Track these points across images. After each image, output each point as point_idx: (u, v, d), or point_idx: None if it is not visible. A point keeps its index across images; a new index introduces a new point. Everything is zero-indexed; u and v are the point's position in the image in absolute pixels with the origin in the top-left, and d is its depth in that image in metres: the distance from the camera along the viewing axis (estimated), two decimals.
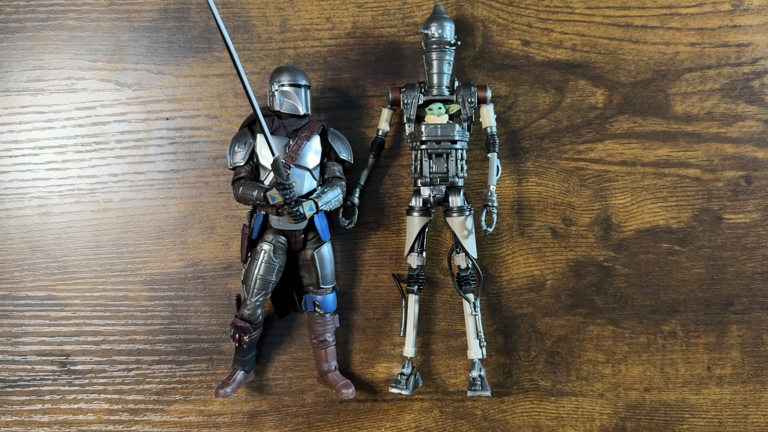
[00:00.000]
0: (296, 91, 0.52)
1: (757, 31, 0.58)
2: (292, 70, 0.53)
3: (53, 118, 0.59)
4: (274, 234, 0.54)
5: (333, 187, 0.53)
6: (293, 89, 0.52)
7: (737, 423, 0.59)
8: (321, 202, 0.52)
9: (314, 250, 0.54)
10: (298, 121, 0.53)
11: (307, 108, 0.53)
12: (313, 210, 0.51)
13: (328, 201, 0.52)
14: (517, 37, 0.58)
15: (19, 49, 0.58)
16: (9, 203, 0.59)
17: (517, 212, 0.59)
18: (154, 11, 0.58)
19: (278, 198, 0.50)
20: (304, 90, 0.53)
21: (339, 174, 0.55)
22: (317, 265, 0.54)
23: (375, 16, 0.58)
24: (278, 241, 0.54)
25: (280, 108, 0.52)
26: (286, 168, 0.50)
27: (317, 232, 0.54)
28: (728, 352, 0.59)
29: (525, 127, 0.59)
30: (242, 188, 0.52)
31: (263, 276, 0.53)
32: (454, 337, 0.59)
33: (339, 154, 0.55)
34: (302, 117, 0.53)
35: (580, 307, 0.59)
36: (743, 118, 0.58)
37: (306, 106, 0.53)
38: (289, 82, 0.52)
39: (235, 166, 0.53)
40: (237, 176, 0.53)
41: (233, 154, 0.53)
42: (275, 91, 0.52)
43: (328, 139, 0.54)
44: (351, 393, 0.54)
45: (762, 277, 0.59)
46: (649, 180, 0.59)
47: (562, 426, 0.60)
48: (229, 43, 0.40)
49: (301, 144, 0.52)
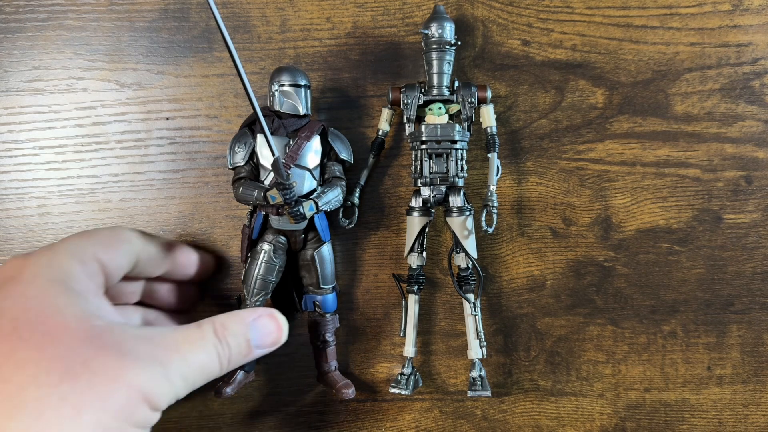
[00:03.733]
0: (296, 91, 0.52)
1: (757, 31, 0.58)
2: (292, 70, 0.53)
3: (53, 118, 0.59)
4: (274, 234, 0.54)
5: (333, 187, 0.53)
6: (293, 89, 0.52)
7: (737, 423, 0.59)
8: (321, 202, 0.52)
9: (314, 250, 0.54)
10: (298, 121, 0.53)
11: (307, 108, 0.53)
12: (313, 210, 0.51)
13: (328, 201, 0.52)
14: (517, 37, 0.58)
15: (19, 49, 0.58)
16: (9, 203, 0.59)
17: (517, 212, 0.59)
18: (154, 11, 0.58)
19: (278, 198, 0.50)
20: (304, 90, 0.53)
21: (339, 174, 0.55)
22: (317, 265, 0.54)
23: (375, 16, 0.58)
24: (278, 241, 0.54)
25: (280, 108, 0.52)
26: (286, 168, 0.50)
27: (317, 232, 0.54)
28: (728, 352, 0.59)
29: (525, 127, 0.59)
30: (242, 188, 0.52)
31: (263, 276, 0.53)
32: (454, 337, 0.59)
33: (339, 153, 0.54)
34: (302, 117, 0.53)
35: (580, 307, 0.59)
36: (743, 118, 0.58)
37: (306, 106, 0.53)
38: (289, 82, 0.52)
39: (235, 166, 0.53)
40: (237, 176, 0.53)
41: (233, 154, 0.53)
42: (275, 91, 0.52)
43: (328, 139, 0.54)
44: (351, 393, 0.54)
45: (762, 277, 0.59)
46: (649, 180, 0.59)
47: (562, 426, 0.60)
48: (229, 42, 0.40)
49: (301, 144, 0.52)
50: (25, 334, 0.36)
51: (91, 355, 0.36)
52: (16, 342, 0.36)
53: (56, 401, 0.34)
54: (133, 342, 0.38)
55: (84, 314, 0.39)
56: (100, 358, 0.36)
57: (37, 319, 0.37)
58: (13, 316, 0.37)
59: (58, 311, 0.38)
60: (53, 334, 0.36)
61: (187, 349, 0.40)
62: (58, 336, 0.36)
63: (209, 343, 0.41)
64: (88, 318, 0.38)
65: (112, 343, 0.37)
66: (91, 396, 0.35)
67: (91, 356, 0.36)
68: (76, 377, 0.35)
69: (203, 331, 0.42)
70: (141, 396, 0.37)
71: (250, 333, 0.44)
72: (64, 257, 0.42)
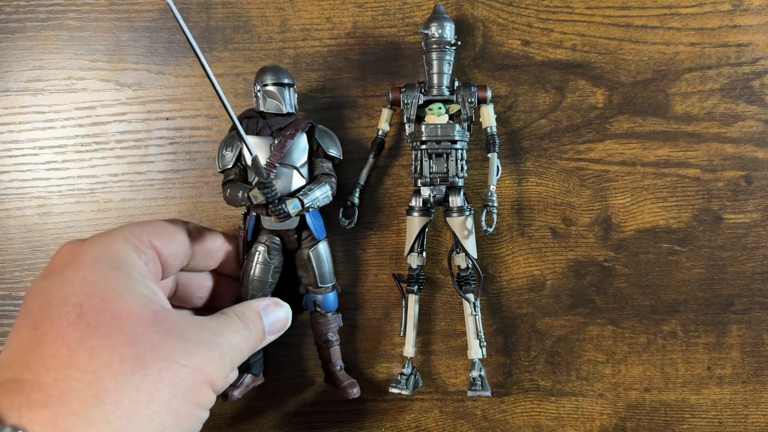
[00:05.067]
0: (279, 90, 0.52)
1: (757, 31, 0.58)
2: (275, 70, 0.52)
3: (53, 118, 0.59)
4: (268, 235, 0.53)
5: (321, 184, 0.52)
6: (276, 88, 0.52)
7: (737, 423, 0.59)
8: (307, 199, 0.51)
9: (310, 249, 0.54)
10: (283, 119, 0.52)
11: (291, 106, 0.53)
12: (298, 207, 0.50)
13: (315, 198, 0.51)
14: (517, 37, 0.58)
15: (19, 49, 0.58)
16: (9, 203, 0.59)
17: (517, 212, 0.59)
18: (154, 11, 0.58)
19: (260, 197, 0.49)
20: (287, 89, 0.52)
21: (328, 171, 0.54)
22: (314, 264, 0.54)
23: (375, 16, 0.58)
24: (272, 241, 0.53)
25: (264, 108, 0.52)
26: (271, 167, 0.50)
27: (311, 231, 0.54)
28: (728, 352, 0.59)
29: (525, 127, 0.59)
30: (229, 190, 0.52)
31: (259, 277, 0.53)
32: (454, 337, 0.59)
33: (327, 150, 0.54)
34: (287, 116, 0.53)
35: (580, 307, 0.59)
36: (743, 118, 0.58)
37: (290, 105, 0.53)
38: (272, 81, 0.52)
39: (224, 169, 0.53)
40: (226, 179, 0.53)
41: (222, 158, 0.53)
42: (258, 91, 0.52)
43: (315, 136, 0.54)
44: (356, 392, 0.54)
45: (762, 277, 0.59)
46: (649, 180, 0.59)
47: (562, 426, 0.60)
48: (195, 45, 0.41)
49: (285, 142, 0.51)
50: (92, 321, 0.36)
51: (157, 341, 0.37)
52: (84, 329, 0.36)
53: (132, 390, 0.35)
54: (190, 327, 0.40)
55: (146, 300, 0.39)
56: (166, 343, 0.37)
57: (101, 305, 0.37)
58: (77, 303, 0.37)
59: (121, 297, 0.38)
60: (120, 320, 0.37)
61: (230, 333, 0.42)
62: (124, 322, 0.37)
63: (240, 327, 0.44)
64: (149, 303, 0.39)
65: (175, 328, 0.39)
66: (163, 383, 0.36)
67: (158, 342, 0.37)
68: (147, 365, 0.36)
69: (231, 318, 0.44)
70: (205, 378, 0.39)
71: (263, 319, 0.47)
72: (121, 243, 0.42)
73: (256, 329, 0.45)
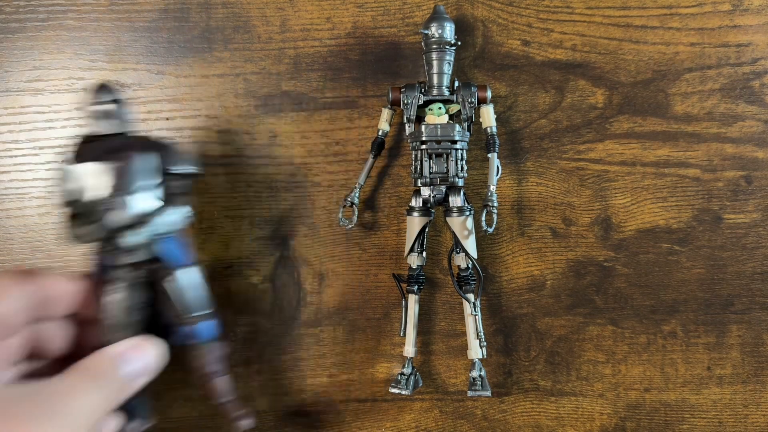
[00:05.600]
0: (109, 109, 0.46)
1: (757, 31, 0.58)
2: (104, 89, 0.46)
3: (53, 118, 0.59)
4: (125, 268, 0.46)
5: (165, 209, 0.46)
6: (105, 107, 0.46)
7: (737, 423, 0.60)
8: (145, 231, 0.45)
9: (163, 280, 0.47)
10: (114, 140, 0.46)
11: (123, 126, 0.47)
12: None
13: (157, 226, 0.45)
14: (517, 37, 0.58)
15: (19, 49, 0.58)
16: (9, 203, 0.59)
17: (517, 212, 0.59)
18: (154, 11, 0.58)
19: None
20: (118, 106, 0.46)
21: (178, 190, 0.47)
22: (170, 295, 0.47)
23: (375, 16, 0.58)
24: (131, 274, 0.46)
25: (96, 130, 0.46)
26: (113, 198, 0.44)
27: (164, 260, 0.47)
28: (728, 352, 0.59)
29: (525, 127, 0.59)
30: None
31: (117, 317, 0.46)
32: (454, 337, 0.59)
33: (172, 167, 0.47)
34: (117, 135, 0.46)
35: (580, 307, 0.59)
36: (743, 118, 0.58)
37: (122, 124, 0.47)
38: (98, 100, 0.46)
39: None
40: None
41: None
42: (87, 114, 0.46)
43: (157, 153, 0.46)
44: (249, 424, 0.50)
45: (762, 277, 0.59)
46: (649, 180, 0.59)
47: (562, 426, 0.60)
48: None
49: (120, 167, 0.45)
50: None
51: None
52: None
53: None
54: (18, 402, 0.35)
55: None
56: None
57: None
58: None
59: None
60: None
61: (79, 394, 0.37)
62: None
63: (90, 385, 0.39)
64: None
65: None
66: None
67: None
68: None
69: (80, 374, 0.39)
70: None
71: (119, 368, 0.41)
72: None
73: (112, 381, 0.40)
